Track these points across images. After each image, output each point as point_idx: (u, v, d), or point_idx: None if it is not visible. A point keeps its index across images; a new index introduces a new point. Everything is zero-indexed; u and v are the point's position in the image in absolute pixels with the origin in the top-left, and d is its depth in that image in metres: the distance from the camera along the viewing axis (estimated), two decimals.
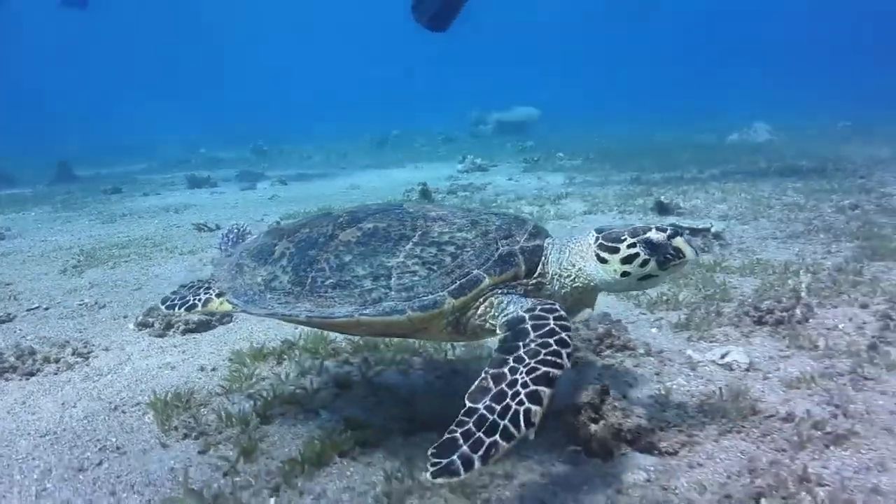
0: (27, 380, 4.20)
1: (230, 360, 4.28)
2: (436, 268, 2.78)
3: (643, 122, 29.59)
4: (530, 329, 2.55)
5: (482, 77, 63.03)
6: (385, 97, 55.41)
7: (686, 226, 7.07)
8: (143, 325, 5.05)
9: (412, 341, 4.13)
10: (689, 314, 4.61)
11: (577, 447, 2.96)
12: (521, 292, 2.83)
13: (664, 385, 3.58)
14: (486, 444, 2.17)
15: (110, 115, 50.43)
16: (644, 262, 2.75)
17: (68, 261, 7.66)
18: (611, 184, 11.95)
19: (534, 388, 2.31)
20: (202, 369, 4.24)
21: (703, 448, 2.93)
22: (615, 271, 2.79)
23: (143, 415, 3.62)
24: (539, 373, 2.35)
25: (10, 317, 5.54)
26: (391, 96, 56.01)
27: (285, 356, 4.29)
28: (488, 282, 2.74)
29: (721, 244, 6.83)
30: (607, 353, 4.04)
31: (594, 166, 15.21)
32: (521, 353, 2.46)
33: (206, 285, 3.42)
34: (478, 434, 2.20)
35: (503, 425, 2.22)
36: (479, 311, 2.78)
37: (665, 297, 5.03)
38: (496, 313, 2.75)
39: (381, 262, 2.84)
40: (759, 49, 71.24)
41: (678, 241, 2.74)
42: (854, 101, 31.88)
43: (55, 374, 4.29)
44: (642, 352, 4.01)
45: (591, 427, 2.95)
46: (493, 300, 2.76)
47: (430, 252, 2.83)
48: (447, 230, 2.93)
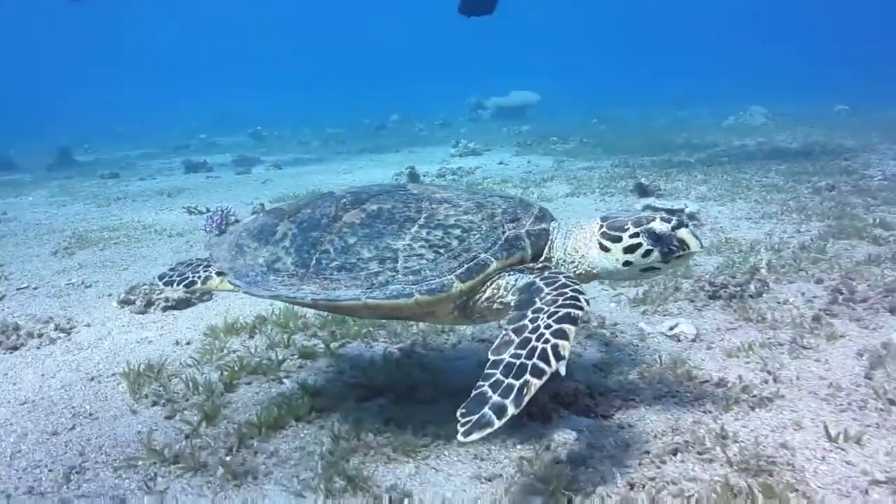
0: (11, 353, 4.40)
1: (205, 334, 4.47)
2: (443, 251, 2.77)
3: (647, 106, 29.57)
4: (543, 286, 2.57)
5: (483, 62, 62.89)
6: (387, 83, 55.32)
7: (661, 206, 7.23)
8: (124, 303, 5.24)
9: None
10: (648, 290, 4.77)
11: (521, 413, 3.13)
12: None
13: (611, 355, 3.76)
14: (518, 385, 2.18)
15: (114, 101, 50.55)
16: (647, 253, 2.69)
17: (60, 243, 7.87)
18: (599, 167, 12.07)
19: (558, 326, 2.32)
20: (177, 343, 4.43)
21: (637, 411, 3.11)
22: (617, 260, 2.75)
23: (117, 385, 3.81)
24: (561, 313, 2.37)
25: (0, 296, 5.74)
26: (393, 83, 55.89)
27: (257, 330, 4.48)
28: (495, 266, 2.72)
29: (695, 224, 6.97)
30: None
31: (586, 150, 15.31)
32: (539, 305, 2.46)
33: (205, 263, 3.36)
34: (507, 380, 2.20)
35: (532, 363, 2.23)
36: (486, 294, 2.78)
37: None
38: (504, 293, 2.74)
39: (387, 244, 2.82)
40: (767, 32, 70.73)
41: (682, 233, 2.67)
42: (858, 84, 31.81)
43: (38, 348, 4.49)
44: (595, 324, 4.18)
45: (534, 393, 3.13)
46: (501, 282, 2.75)
47: (437, 235, 2.81)
48: (453, 213, 2.90)
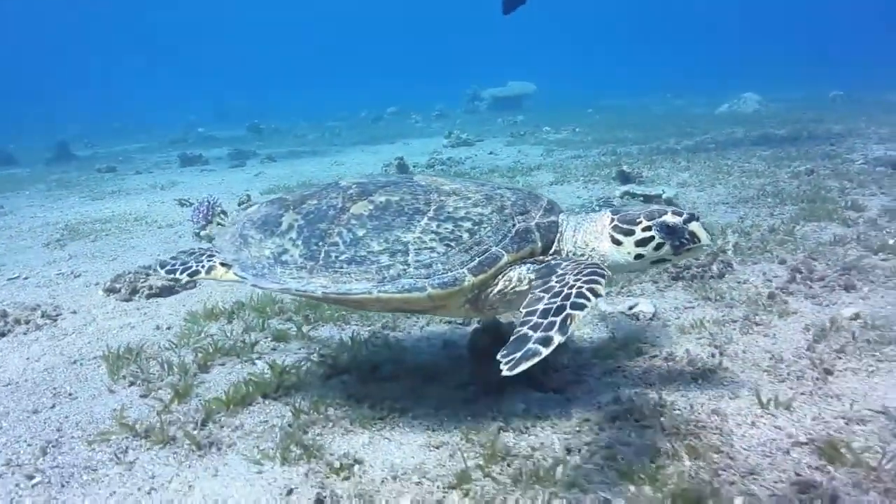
0: None
1: (185, 320, 4.64)
2: (454, 244, 2.75)
3: (646, 95, 29.62)
4: (562, 261, 2.68)
5: (482, 53, 62.82)
6: (386, 76, 55.34)
7: (639, 193, 7.36)
8: (110, 291, 5.41)
9: None
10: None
11: (474, 385, 3.29)
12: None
13: (570, 335, 3.89)
14: (560, 319, 2.26)
15: (115, 97, 50.76)
16: (658, 246, 2.72)
17: (52, 235, 8.04)
18: (587, 156, 12.18)
19: (588, 278, 2.42)
20: (158, 328, 4.59)
21: (586, 385, 3.26)
22: (629, 253, 2.77)
23: (97, 367, 3.97)
24: (587, 272, 2.46)
25: None
26: (392, 75, 55.91)
27: (235, 315, 4.63)
28: (507, 259, 2.73)
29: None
30: None
31: (577, 140, 15.40)
32: (562, 272, 2.55)
33: (208, 252, 3.32)
34: (547, 320, 2.29)
35: (572, 300, 2.31)
36: (498, 287, 2.79)
37: None
38: (518, 283, 2.76)
39: (397, 237, 2.80)
40: (768, 18, 70.40)
41: (694, 226, 2.71)
42: (857, 68, 31.77)
43: (24, 333, 4.65)
44: None
45: (488, 368, 3.28)
46: (512, 274, 2.77)
47: (447, 228, 2.80)
48: (462, 205, 2.89)
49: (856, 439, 2.57)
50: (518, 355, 2.21)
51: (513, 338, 2.30)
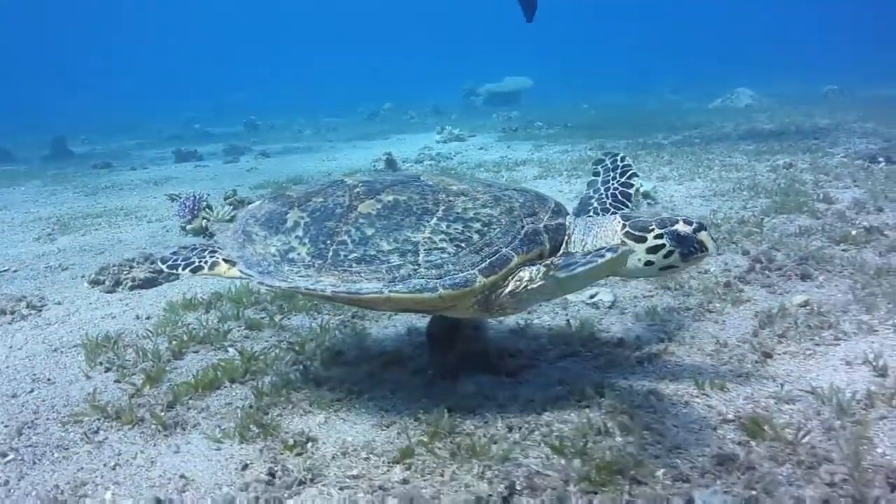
0: None
1: (164, 310, 4.79)
2: (464, 245, 2.78)
3: (643, 90, 29.70)
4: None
5: (480, 47, 62.90)
6: (384, 72, 55.43)
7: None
8: (95, 283, 5.57)
9: None
10: None
11: (432, 370, 3.44)
12: None
13: (530, 322, 4.05)
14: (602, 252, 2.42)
15: (114, 92, 50.94)
16: (668, 253, 2.77)
17: (44, 229, 8.20)
18: (575, 151, 12.31)
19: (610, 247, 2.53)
20: (138, 317, 4.75)
21: (538, 370, 3.41)
22: (639, 259, 2.80)
23: (76, 355, 4.13)
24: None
25: None
26: (390, 72, 56.02)
27: (212, 306, 4.79)
28: (517, 260, 2.76)
29: (650, 203, 7.24)
30: None
31: (568, 134, 15.53)
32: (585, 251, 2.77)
33: (210, 248, 3.31)
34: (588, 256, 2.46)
35: (601, 251, 2.47)
36: (508, 288, 2.80)
37: None
38: (529, 283, 2.77)
39: (407, 236, 2.81)
40: (763, 15, 70.34)
41: (703, 235, 2.78)
42: (854, 62, 31.81)
43: (9, 323, 4.82)
44: None
45: (444, 354, 3.44)
46: (523, 275, 2.78)
47: (457, 228, 2.82)
48: (471, 206, 2.91)
49: (781, 417, 2.72)
50: (579, 261, 2.43)
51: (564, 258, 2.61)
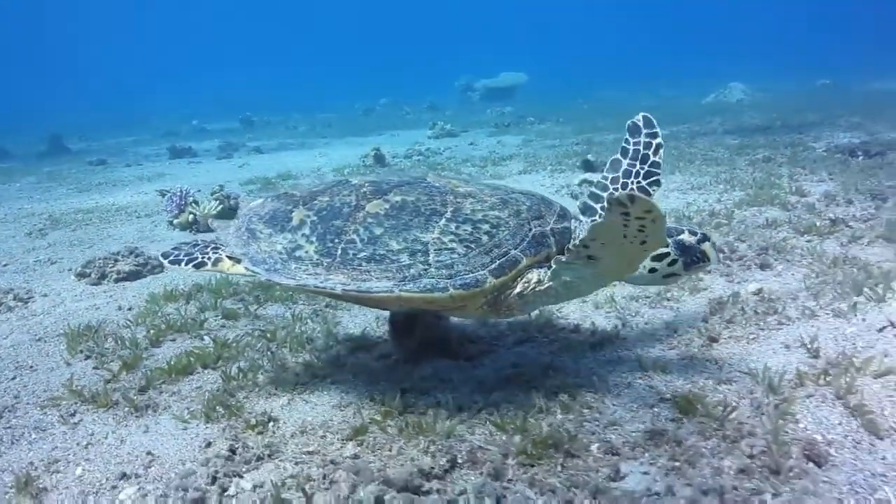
0: None
1: (146, 301, 4.95)
2: (473, 246, 2.81)
3: (641, 86, 29.78)
4: None
5: (478, 43, 62.99)
6: (382, 68, 55.58)
7: (594, 180, 7.61)
8: (81, 276, 5.72)
9: None
10: None
11: (395, 355, 3.59)
12: None
13: None
14: None
15: (114, 90, 51.12)
16: (672, 262, 2.87)
17: (35, 225, 8.36)
18: (562, 146, 12.46)
19: None
20: (120, 308, 4.91)
21: (496, 354, 3.56)
22: (644, 267, 2.88)
23: (59, 344, 4.29)
24: None
25: None
26: (388, 67, 56.14)
27: (192, 297, 4.95)
28: (526, 262, 2.80)
29: None
30: None
31: (558, 129, 15.66)
32: None
33: (213, 245, 3.32)
34: None
35: None
36: (517, 290, 2.86)
37: None
38: (537, 285, 2.83)
39: (416, 236, 2.83)
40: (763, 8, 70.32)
41: (705, 246, 2.90)
42: (850, 56, 31.90)
43: None
44: None
45: (406, 340, 3.60)
46: (531, 276, 2.84)
47: (466, 229, 2.85)
48: (479, 207, 2.94)
49: (716, 396, 2.87)
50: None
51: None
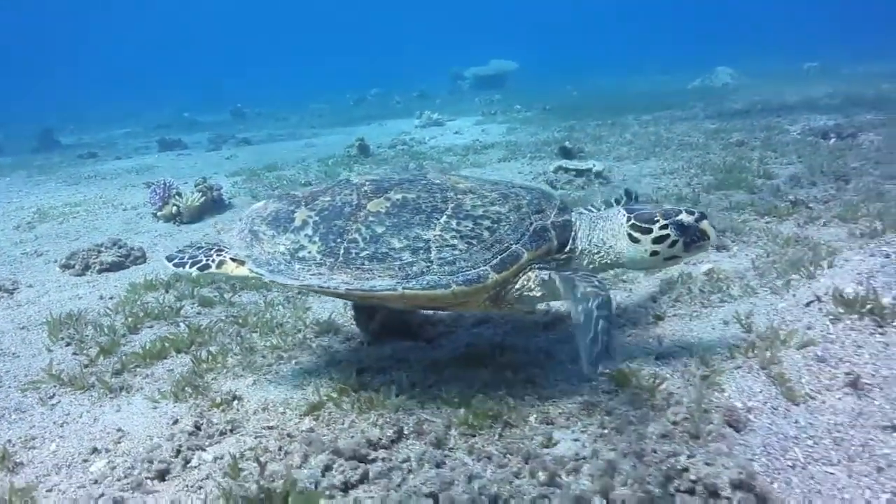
0: None
1: (127, 290, 5.13)
2: (475, 242, 2.82)
3: (634, 72, 29.89)
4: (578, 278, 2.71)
5: (469, 30, 62.84)
6: (373, 58, 55.54)
7: (571, 167, 7.80)
8: (65, 267, 5.90)
9: None
10: None
11: (361, 339, 3.78)
12: (553, 266, 2.92)
13: None
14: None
15: (109, 85, 51.04)
16: (673, 243, 2.90)
17: (24, 218, 8.52)
18: (545, 133, 12.60)
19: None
20: (102, 298, 5.09)
21: (454, 335, 3.75)
22: (646, 251, 2.92)
23: (42, 332, 4.47)
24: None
25: None
26: (379, 57, 56.10)
27: (171, 286, 5.12)
28: (527, 257, 2.80)
29: (601, 182, 7.56)
30: None
31: (543, 117, 15.79)
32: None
33: (216, 247, 3.34)
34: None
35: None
36: (518, 285, 2.87)
37: None
38: (532, 286, 2.85)
39: (418, 234, 2.84)
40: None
41: (704, 224, 2.91)
42: (840, 39, 31.96)
43: None
44: None
45: (369, 324, 3.78)
46: (532, 274, 2.85)
47: (467, 225, 2.86)
48: (480, 203, 2.94)
49: (652, 370, 3.06)
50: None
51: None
